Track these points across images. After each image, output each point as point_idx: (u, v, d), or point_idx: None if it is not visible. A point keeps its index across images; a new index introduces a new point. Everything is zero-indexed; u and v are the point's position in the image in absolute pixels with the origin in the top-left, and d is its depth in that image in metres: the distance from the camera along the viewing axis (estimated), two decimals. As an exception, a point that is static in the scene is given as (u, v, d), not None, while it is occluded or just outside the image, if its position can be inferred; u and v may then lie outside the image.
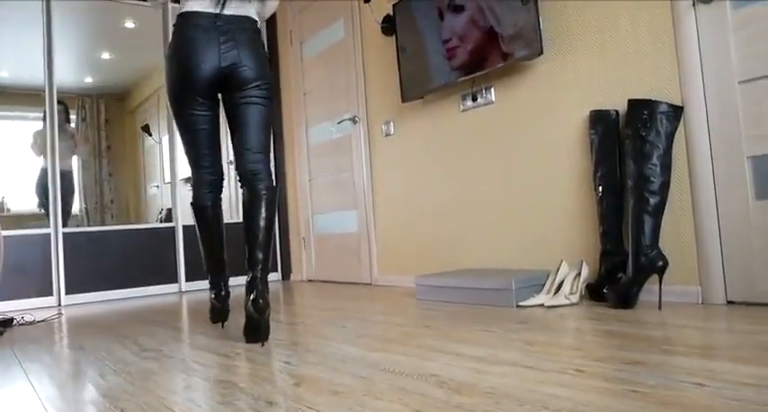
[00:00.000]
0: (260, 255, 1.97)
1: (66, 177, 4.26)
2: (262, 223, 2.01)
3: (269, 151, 2.17)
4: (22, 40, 3.87)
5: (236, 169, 2.10)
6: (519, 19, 2.60)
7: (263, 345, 1.92)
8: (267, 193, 2.04)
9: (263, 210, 2.02)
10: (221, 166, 2.29)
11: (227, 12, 2.07)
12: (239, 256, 2.15)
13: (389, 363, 1.51)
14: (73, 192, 4.31)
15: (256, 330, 1.94)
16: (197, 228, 2.30)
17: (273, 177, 2.16)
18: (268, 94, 2.13)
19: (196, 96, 2.09)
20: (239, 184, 2.10)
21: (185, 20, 2.06)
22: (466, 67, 2.88)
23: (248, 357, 1.73)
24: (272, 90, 2.16)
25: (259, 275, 1.93)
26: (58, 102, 4.03)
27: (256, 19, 2.18)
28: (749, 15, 2.02)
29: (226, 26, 2.05)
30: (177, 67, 2.07)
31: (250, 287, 1.93)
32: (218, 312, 2.33)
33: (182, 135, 2.22)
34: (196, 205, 2.25)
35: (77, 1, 3.63)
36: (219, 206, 2.30)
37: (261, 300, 1.89)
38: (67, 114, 4.18)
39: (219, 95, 2.17)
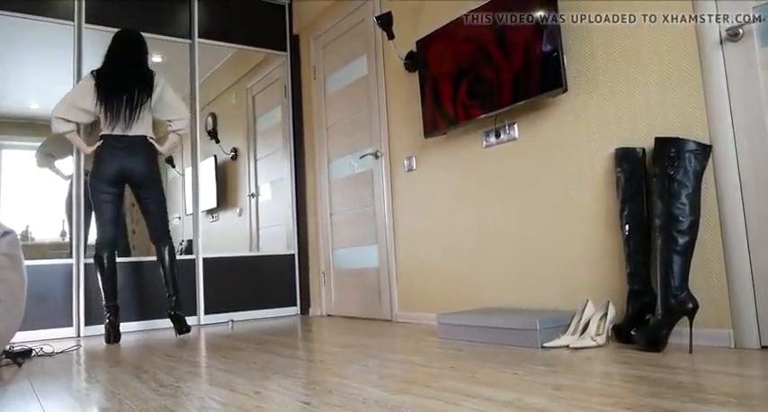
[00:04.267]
0: (171, 284, 3.39)
1: None
2: (167, 265, 3.40)
3: (167, 223, 3.50)
4: (51, 72, 3.97)
5: (150, 238, 3.46)
6: (543, 56, 2.61)
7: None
8: (169, 250, 3.43)
9: (167, 259, 3.40)
10: (118, 231, 3.44)
11: (129, 133, 3.34)
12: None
13: (413, 407, 1.47)
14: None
15: (181, 326, 3.28)
16: (97, 271, 3.32)
17: (171, 237, 3.49)
18: (157, 189, 3.44)
19: (105, 184, 3.30)
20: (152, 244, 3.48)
21: (105, 138, 3.32)
22: (489, 103, 2.88)
23: (268, 396, 1.70)
24: (159, 185, 3.46)
25: (175, 295, 3.37)
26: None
27: (147, 135, 3.41)
28: (778, 54, 2.00)
29: (128, 142, 3.34)
30: (98, 166, 3.31)
31: (171, 302, 3.35)
32: (114, 334, 3.24)
33: (94, 207, 3.37)
34: (98, 255, 3.31)
35: (108, 33, 3.70)
36: (114, 256, 3.39)
37: (179, 311, 3.34)
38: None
39: (127, 186, 3.41)
